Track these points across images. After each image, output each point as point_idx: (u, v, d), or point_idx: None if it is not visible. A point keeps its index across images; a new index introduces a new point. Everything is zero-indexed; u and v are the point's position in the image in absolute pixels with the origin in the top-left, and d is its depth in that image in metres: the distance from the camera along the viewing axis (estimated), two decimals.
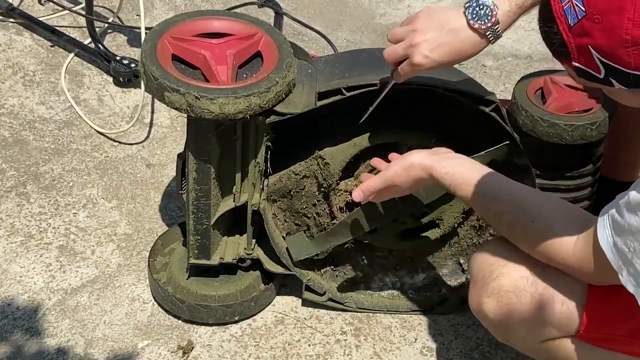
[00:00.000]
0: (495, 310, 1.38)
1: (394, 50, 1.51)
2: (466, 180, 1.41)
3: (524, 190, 1.40)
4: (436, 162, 1.44)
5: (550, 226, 1.30)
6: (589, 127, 1.60)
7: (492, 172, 1.41)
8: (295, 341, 1.80)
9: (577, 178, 1.70)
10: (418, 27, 1.47)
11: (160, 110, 2.41)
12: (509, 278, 1.37)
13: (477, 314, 1.45)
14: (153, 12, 2.76)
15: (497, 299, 1.37)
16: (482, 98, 1.63)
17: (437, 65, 1.48)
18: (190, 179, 1.66)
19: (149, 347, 1.76)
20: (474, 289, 1.44)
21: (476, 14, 1.44)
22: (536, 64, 2.75)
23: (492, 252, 1.42)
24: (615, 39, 1.03)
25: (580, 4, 1.05)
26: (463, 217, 1.77)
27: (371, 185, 1.53)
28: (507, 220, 1.36)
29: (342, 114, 1.67)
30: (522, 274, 1.36)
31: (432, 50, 1.46)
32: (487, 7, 1.44)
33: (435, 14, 1.49)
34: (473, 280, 1.44)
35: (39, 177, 2.17)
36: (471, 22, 1.45)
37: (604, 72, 1.07)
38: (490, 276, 1.39)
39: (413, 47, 1.47)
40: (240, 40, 1.65)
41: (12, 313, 1.82)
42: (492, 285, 1.38)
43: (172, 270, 1.84)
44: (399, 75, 1.53)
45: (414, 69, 1.49)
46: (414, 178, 1.47)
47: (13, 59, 2.47)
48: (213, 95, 1.52)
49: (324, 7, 3.05)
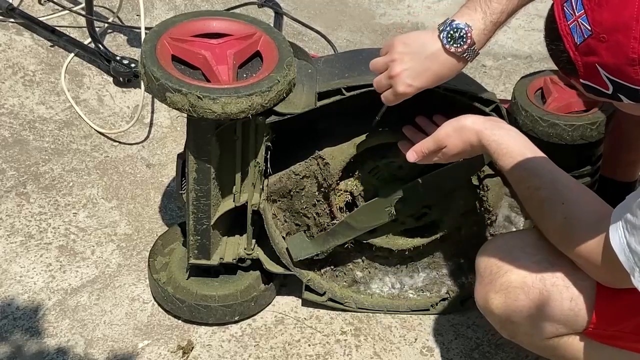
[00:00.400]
0: (503, 307, 1.39)
1: (379, 81, 1.51)
2: (511, 152, 1.41)
3: (564, 175, 1.40)
4: (487, 128, 1.44)
5: (577, 213, 1.31)
6: (589, 127, 1.60)
7: (537, 150, 1.42)
8: (295, 341, 1.80)
9: (577, 178, 1.70)
10: (396, 57, 1.47)
11: (160, 110, 2.41)
12: (517, 274, 1.37)
13: (483, 310, 1.45)
14: (153, 12, 2.76)
15: (505, 295, 1.38)
16: (482, 98, 1.63)
17: (420, 90, 1.48)
18: (190, 179, 1.66)
19: (149, 347, 1.77)
20: (480, 285, 1.44)
21: (451, 37, 1.42)
22: (536, 64, 2.75)
23: (499, 248, 1.43)
24: (621, 57, 1.03)
25: (586, 22, 1.06)
26: (463, 217, 1.77)
27: (424, 146, 1.52)
28: (540, 196, 1.36)
29: (342, 114, 1.67)
30: (531, 270, 1.36)
31: (414, 79, 1.46)
32: (461, 30, 1.41)
33: (411, 40, 1.47)
34: (480, 276, 1.44)
35: (39, 177, 2.17)
36: (447, 47, 1.43)
37: (612, 89, 1.07)
38: (498, 272, 1.39)
39: (394, 78, 1.47)
40: (240, 40, 1.65)
41: (12, 313, 1.82)
42: (500, 281, 1.38)
43: (172, 270, 1.84)
44: (387, 102, 1.53)
45: (399, 97, 1.49)
46: (464, 140, 1.46)
47: (13, 59, 2.47)
48: (215, 95, 1.52)
49: (324, 7, 3.05)
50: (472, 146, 1.46)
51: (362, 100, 1.63)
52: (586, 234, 1.28)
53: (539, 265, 1.36)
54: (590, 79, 1.09)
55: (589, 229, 1.28)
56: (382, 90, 1.52)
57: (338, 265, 1.84)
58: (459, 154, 1.50)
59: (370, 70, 1.53)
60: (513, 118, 1.65)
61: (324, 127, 1.71)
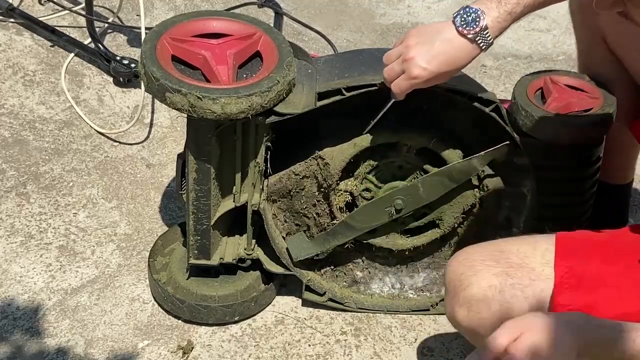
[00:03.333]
0: (468, 320, 1.40)
1: (391, 69, 1.51)
2: None
3: None
4: None
5: None
6: (589, 127, 1.60)
7: None
8: (295, 341, 1.80)
9: (577, 178, 1.70)
10: (410, 43, 1.48)
11: (160, 110, 2.41)
12: (478, 287, 1.38)
13: (451, 323, 1.47)
14: (153, 12, 2.76)
15: (468, 309, 1.39)
16: (482, 98, 1.63)
17: (433, 76, 1.48)
18: (190, 179, 1.66)
19: (149, 347, 1.77)
20: (447, 298, 1.46)
21: (464, 20, 1.45)
22: (536, 64, 2.75)
23: (462, 262, 1.44)
24: None
25: None
26: (463, 217, 1.77)
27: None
28: None
29: (342, 114, 1.67)
30: (491, 282, 1.38)
31: (428, 62, 1.46)
32: (474, 12, 1.44)
33: (426, 29, 1.50)
34: (446, 290, 1.46)
35: (39, 177, 2.17)
36: (460, 29, 1.45)
37: None
38: (460, 285, 1.41)
39: (408, 61, 1.47)
40: (240, 40, 1.65)
41: (12, 313, 1.82)
42: (463, 295, 1.40)
43: (172, 271, 1.84)
44: (398, 91, 1.53)
45: (412, 83, 1.49)
46: None
47: (13, 59, 2.47)
48: (215, 96, 1.52)
49: (324, 7, 3.05)
50: None
51: (362, 100, 1.63)
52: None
53: (498, 277, 1.37)
54: None
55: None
56: (394, 78, 1.51)
57: (338, 265, 1.85)
58: None
59: (384, 63, 1.53)
60: (513, 118, 1.65)
61: (324, 127, 1.71)
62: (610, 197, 1.87)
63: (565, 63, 2.72)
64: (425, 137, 1.67)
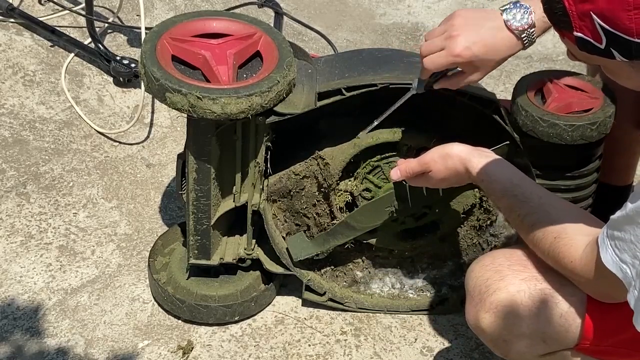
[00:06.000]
0: (494, 326, 1.37)
1: (431, 43, 1.48)
2: (499, 179, 1.40)
3: (553, 197, 1.38)
4: (474, 156, 1.43)
5: (568, 232, 1.29)
6: (589, 127, 1.60)
7: (524, 176, 1.41)
8: (295, 341, 1.80)
9: (577, 178, 1.70)
10: (456, 23, 1.46)
11: (160, 110, 2.41)
12: (507, 292, 1.35)
13: (474, 330, 1.43)
14: (153, 12, 2.76)
15: (494, 314, 1.36)
16: (482, 98, 1.63)
17: (475, 59, 1.46)
18: (190, 179, 1.66)
19: (149, 347, 1.77)
20: (470, 304, 1.42)
21: (514, 15, 1.44)
22: (536, 64, 2.75)
23: (487, 266, 1.41)
24: (616, 1, 1.02)
25: None
26: (463, 217, 1.77)
27: (409, 167, 1.51)
28: (530, 222, 1.35)
29: (342, 114, 1.67)
30: (520, 287, 1.35)
31: (473, 43, 1.44)
32: (525, 10, 1.44)
33: (474, 13, 1.48)
34: (469, 296, 1.42)
35: (39, 177, 2.17)
36: (508, 23, 1.44)
37: (605, 42, 1.06)
38: (487, 291, 1.38)
39: (454, 38, 1.45)
40: (240, 40, 1.65)
41: (12, 313, 1.82)
42: (489, 300, 1.36)
43: (172, 271, 1.84)
44: (431, 66, 1.50)
45: (450, 60, 1.46)
46: (448, 167, 1.45)
47: (13, 59, 2.47)
48: (215, 96, 1.52)
49: (324, 7, 3.05)
50: (458, 174, 1.45)
51: (362, 100, 1.63)
52: (578, 251, 1.27)
53: (527, 282, 1.35)
54: (584, 31, 1.07)
55: (581, 247, 1.27)
56: (430, 53, 1.48)
57: (338, 265, 1.85)
58: (445, 180, 1.49)
59: (426, 40, 1.50)
60: (513, 118, 1.65)
61: (324, 127, 1.71)
62: (611, 199, 1.87)
63: (565, 63, 2.72)
64: (425, 137, 1.67)
